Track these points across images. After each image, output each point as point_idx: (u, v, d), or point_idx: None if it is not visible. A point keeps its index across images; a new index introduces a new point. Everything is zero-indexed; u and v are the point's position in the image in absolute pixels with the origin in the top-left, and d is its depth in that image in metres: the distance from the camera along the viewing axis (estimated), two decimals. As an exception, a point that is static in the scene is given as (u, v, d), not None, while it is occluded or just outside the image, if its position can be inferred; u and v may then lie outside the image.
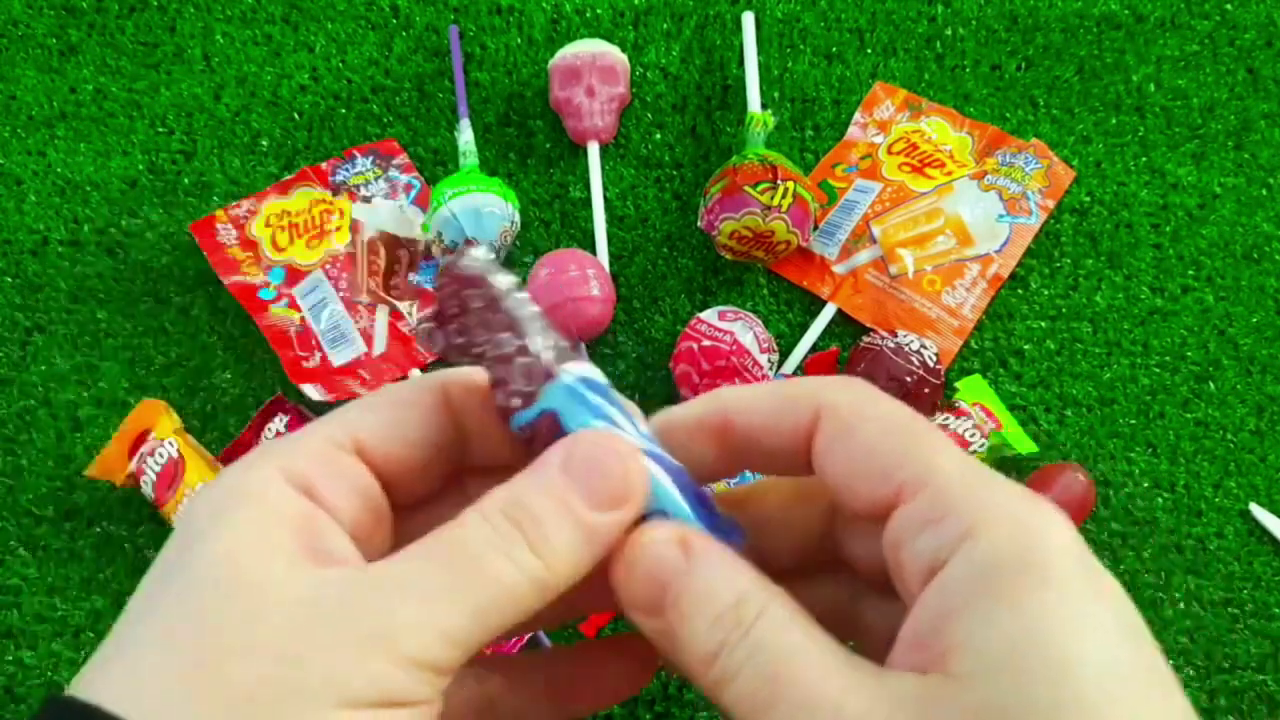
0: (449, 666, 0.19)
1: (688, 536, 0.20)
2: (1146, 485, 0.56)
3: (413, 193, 0.64)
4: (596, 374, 0.22)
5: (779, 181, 0.56)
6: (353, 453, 0.22)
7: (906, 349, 0.54)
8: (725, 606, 0.19)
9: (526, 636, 0.50)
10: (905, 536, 0.19)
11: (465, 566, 0.19)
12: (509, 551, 0.19)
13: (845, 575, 0.24)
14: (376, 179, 0.64)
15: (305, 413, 0.56)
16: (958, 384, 0.57)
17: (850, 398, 0.21)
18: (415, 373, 0.58)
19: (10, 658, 0.53)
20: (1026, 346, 0.60)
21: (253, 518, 0.19)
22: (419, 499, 0.23)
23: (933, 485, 0.19)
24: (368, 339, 0.59)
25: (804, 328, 0.60)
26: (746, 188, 0.56)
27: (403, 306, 0.60)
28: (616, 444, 0.21)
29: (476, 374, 0.23)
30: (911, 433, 0.20)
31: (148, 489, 0.53)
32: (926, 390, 0.54)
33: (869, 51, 0.68)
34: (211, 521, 0.19)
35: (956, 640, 0.17)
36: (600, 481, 0.20)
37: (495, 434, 0.23)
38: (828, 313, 0.60)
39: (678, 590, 0.20)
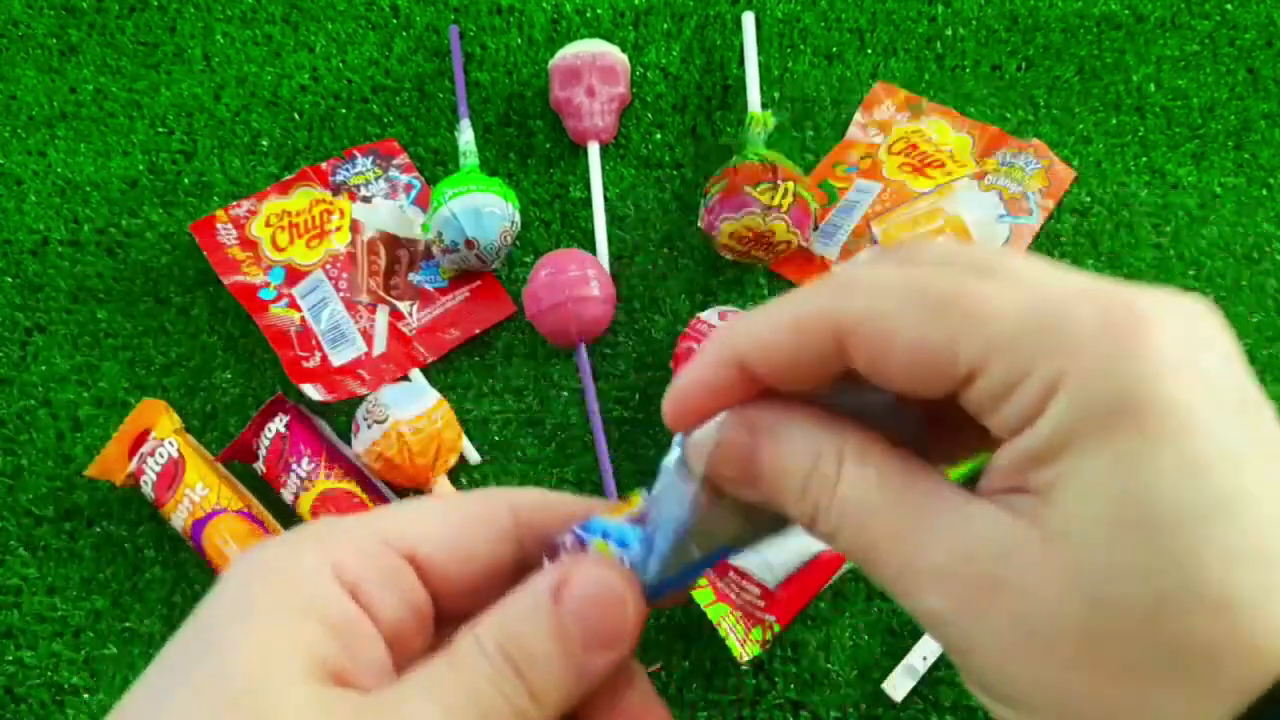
0: None
1: (751, 417, 0.20)
2: (1146, 485, 0.56)
3: (413, 193, 0.64)
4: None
5: (779, 181, 0.56)
6: (407, 559, 0.21)
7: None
8: (806, 472, 0.20)
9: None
10: (984, 410, 0.18)
11: (462, 705, 0.19)
12: (505, 691, 0.19)
13: None
14: (376, 179, 0.64)
15: (305, 412, 0.56)
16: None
17: (866, 307, 0.18)
18: (415, 373, 0.58)
19: (10, 658, 0.53)
20: (1026, 346, 0.60)
21: (285, 615, 0.19)
22: (466, 608, 0.23)
23: (998, 351, 0.17)
24: (368, 339, 0.59)
25: (804, 328, 0.60)
26: (746, 188, 0.56)
27: (403, 306, 0.60)
28: (615, 578, 0.21)
29: (548, 495, 0.23)
30: (951, 302, 0.18)
31: (148, 489, 0.53)
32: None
33: (869, 51, 0.68)
34: (241, 607, 0.19)
35: (1058, 476, 0.17)
36: (599, 623, 0.20)
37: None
38: (828, 313, 0.60)
39: (758, 468, 0.20)
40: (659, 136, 0.66)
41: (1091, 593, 0.16)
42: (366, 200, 0.63)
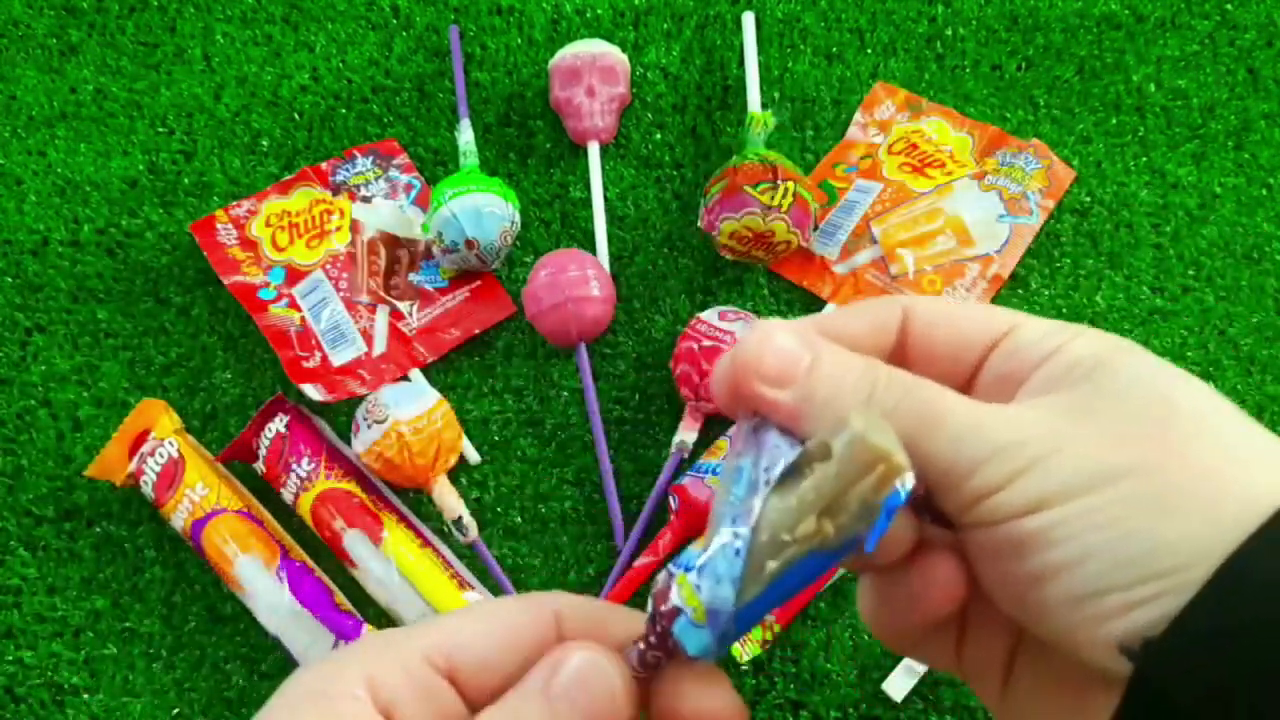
0: None
1: (805, 331, 0.23)
2: (1146, 485, 0.56)
3: (413, 193, 0.64)
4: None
5: (779, 181, 0.56)
6: (446, 675, 0.21)
7: (906, 349, 0.54)
8: (863, 365, 0.22)
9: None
10: (1025, 343, 0.23)
11: None
12: None
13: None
14: (376, 179, 0.64)
15: (305, 412, 0.56)
16: (958, 384, 0.57)
17: (930, 300, 0.25)
18: (415, 373, 0.59)
19: (10, 658, 0.53)
20: (1026, 346, 0.60)
21: None
22: None
23: (1034, 319, 0.24)
24: (368, 339, 0.59)
25: (804, 328, 0.60)
26: (746, 188, 0.56)
27: (403, 306, 0.60)
28: (601, 660, 0.21)
29: (594, 604, 0.24)
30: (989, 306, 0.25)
31: (148, 489, 0.53)
32: (926, 390, 0.54)
33: (869, 51, 0.68)
34: None
35: (1089, 372, 0.21)
36: (587, 704, 0.21)
37: None
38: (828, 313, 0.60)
39: (816, 356, 0.22)
40: (659, 136, 0.66)
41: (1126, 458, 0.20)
42: (366, 200, 0.63)
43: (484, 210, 0.57)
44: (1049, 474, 0.20)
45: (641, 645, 0.22)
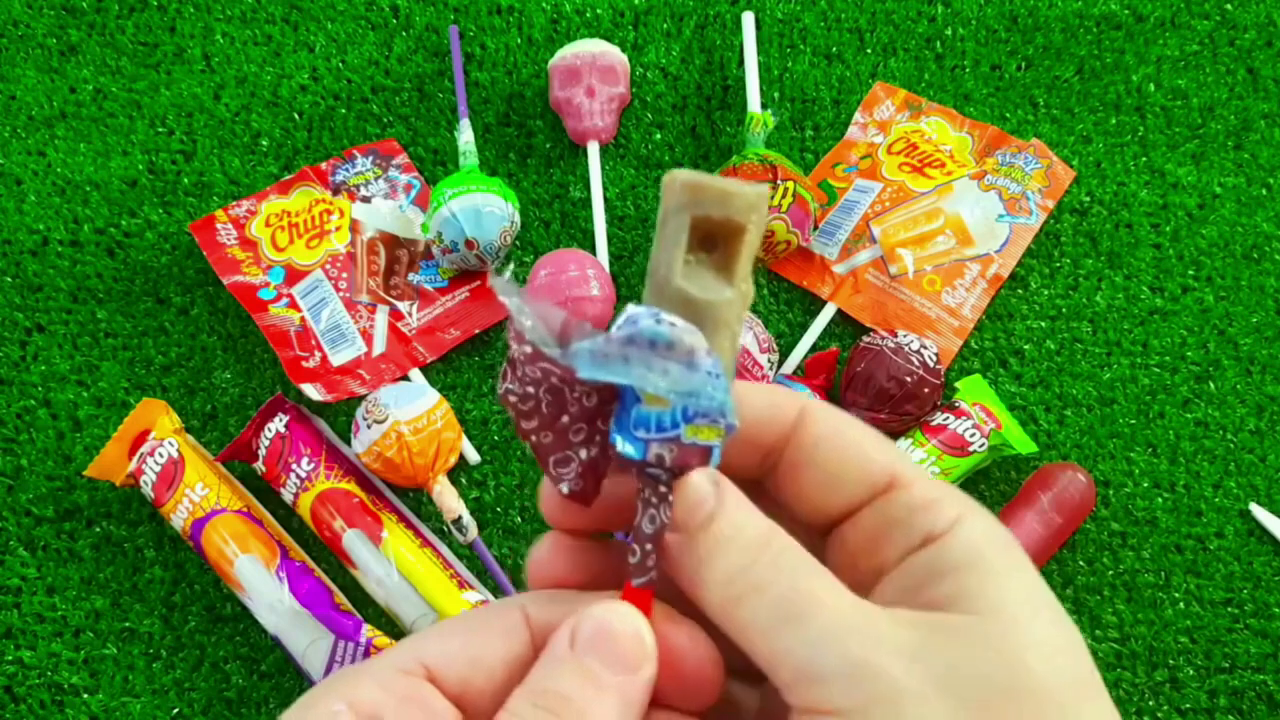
0: None
1: (719, 478, 0.21)
2: (1146, 485, 0.56)
3: (413, 193, 0.64)
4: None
5: (779, 181, 0.56)
6: (423, 678, 0.21)
7: (906, 349, 0.54)
8: (755, 535, 0.21)
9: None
10: (901, 515, 0.21)
11: None
12: None
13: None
14: (376, 179, 0.64)
15: (305, 412, 0.56)
16: (958, 384, 0.57)
17: (832, 410, 0.23)
18: (415, 373, 0.58)
19: (10, 658, 0.53)
20: (1026, 346, 0.60)
21: None
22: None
23: (920, 479, 0.22)
24: (368, 339, 0.59)
25: (804, 328, 0.60)
26: (746, 188, 0.56)
27: (402, 306, 0.60)
28: (618, 606, 0.21)
29: (555, 594, 0.23)
30: (887, 441, 0.23)
31: (147, 489, 0.53)
32: (926, 390, 0.54)
33: (869, 51, 0.68)
34: None
35: (959, 590, 0.20)
36: (613, 650, 0.20)
37: None
38: (828, 313, 0.60)
39: (711, 515, 0.21)
40: (659, 136, 0.66)
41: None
42: (366, 200, 0.63)
43: (484, 210, 0.57)
44: None
45: (652, 513, 0.22)
